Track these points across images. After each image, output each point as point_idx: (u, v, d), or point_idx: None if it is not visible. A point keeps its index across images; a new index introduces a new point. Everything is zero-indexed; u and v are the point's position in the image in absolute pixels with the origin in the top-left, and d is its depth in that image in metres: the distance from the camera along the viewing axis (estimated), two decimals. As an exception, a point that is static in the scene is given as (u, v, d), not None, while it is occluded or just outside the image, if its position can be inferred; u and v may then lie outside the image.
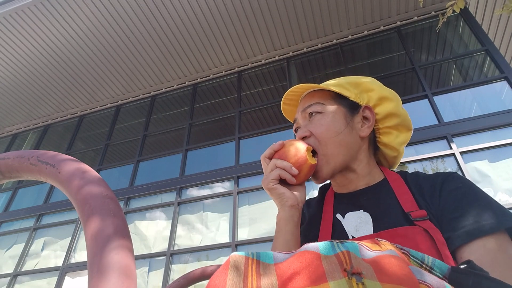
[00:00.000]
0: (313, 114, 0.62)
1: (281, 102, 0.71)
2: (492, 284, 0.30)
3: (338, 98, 0.63)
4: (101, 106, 6.12)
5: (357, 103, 0.63)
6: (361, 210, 0.57)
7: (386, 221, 0.52)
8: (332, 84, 0.65)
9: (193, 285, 1.10)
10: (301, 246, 0.59)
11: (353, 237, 0.54)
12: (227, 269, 0.30)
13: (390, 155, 0.66)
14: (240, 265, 0.30)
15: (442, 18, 2.59)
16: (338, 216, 0.59)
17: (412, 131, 0.66)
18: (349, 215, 0.58)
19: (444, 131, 3.48)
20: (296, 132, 0.66)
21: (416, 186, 0.55)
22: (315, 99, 0.64)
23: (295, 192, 0.58)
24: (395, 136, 0.64)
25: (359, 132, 0.61)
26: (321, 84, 0.64)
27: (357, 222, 0.56)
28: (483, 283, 0.30)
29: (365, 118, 0.63)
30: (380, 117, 0.63)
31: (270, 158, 0.60)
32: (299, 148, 0.57)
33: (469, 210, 0.47)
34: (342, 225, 0.57)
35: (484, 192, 0.50)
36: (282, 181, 0.58)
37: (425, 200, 0.52)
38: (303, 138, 0.62)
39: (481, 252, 0.43)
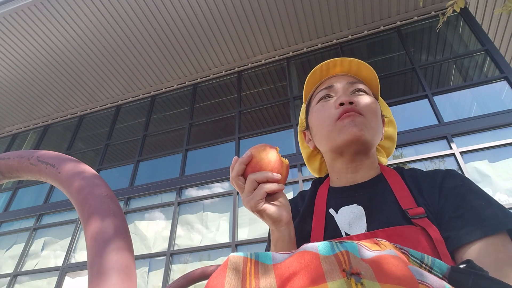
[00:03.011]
0: (360, 92, 0.63)
1: (321, 63, 0.66)
2: (491, 284, 0.30)
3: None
4: (101, 106, 6.12)
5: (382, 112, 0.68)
6: (355, 204, 0.56)
7: (381, 218, 0.51)
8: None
9: (193, 285, 1.10)
10: (296, 242, 0.59)
11: (346, 233, 0.53)
12: (226, 269, 0.30)
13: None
14: (239, 265, 0.30)
15: (442, 18, 2.59)
16: (331, 211, 0.58)
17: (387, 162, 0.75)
18: (343, 209, 0.56)
19: (444, 131, 3.47)
20: (320, 97, 0.64)
21: (413, 183, 0.55)
22: (363, 84, 0.67)
23: (282, 204, 0.53)
24: (381, 154, 0.72)
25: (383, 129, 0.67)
26: (374, 74, 0.67)
27: (351, 217, 0.54)
28: (482, 283, 0.30)
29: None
30: (384, 136, 0.69)
31: (243, 175, 0.52)
32: (270, 153, 0.52)
33: (470, 210, 0.46)
34: (335, 220, 0.56)
35: (484, 191, 0.49)
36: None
37: (423, 198, 0.51)
38: (350, 103, 0.59)
39: (483, 253, 0.42)
